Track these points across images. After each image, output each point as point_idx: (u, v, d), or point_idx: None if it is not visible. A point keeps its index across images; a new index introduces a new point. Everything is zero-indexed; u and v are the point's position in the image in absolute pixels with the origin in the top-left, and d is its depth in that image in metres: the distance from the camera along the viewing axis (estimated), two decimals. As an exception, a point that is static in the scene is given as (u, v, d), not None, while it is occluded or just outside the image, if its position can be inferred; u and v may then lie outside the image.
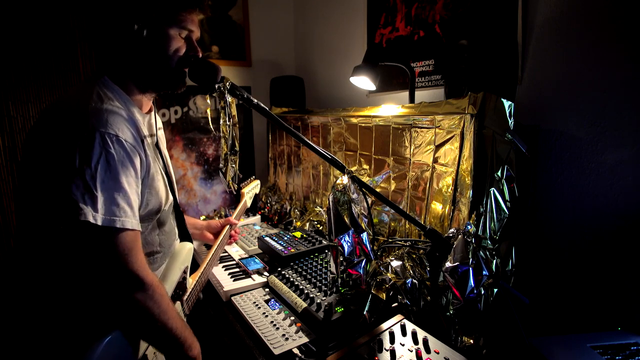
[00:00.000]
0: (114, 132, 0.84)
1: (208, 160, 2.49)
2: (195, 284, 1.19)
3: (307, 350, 1.00)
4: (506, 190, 1.10)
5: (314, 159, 2.00)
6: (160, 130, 1.20)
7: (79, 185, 0.79)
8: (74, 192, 0.78)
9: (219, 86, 1.03)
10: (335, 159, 1.11)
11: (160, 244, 1.10)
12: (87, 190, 0.79)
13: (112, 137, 0.84)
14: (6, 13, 1.81)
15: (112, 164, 0.83)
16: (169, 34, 0.97)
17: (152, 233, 1.07)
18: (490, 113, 1.07)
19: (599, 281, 1.18)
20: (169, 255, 1.16)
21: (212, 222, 1.52)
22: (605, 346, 0.94)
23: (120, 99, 0.96)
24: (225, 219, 1.53)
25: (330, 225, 1.06)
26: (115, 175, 0.83)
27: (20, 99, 1.91)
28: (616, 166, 1.13)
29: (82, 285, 0.86)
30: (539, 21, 1.28)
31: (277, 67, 2.72)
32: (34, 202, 0.86)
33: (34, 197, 0.85)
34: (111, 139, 0.83)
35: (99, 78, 0.96)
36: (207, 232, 1.50)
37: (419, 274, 1.16)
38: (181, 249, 1.17)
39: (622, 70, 1.10)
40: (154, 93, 1.08)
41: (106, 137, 0.83)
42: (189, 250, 1.19)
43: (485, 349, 0.97)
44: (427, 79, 1.75)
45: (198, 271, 1.24)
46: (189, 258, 1.19)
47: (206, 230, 1.50)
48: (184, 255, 1.16)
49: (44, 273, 0.88)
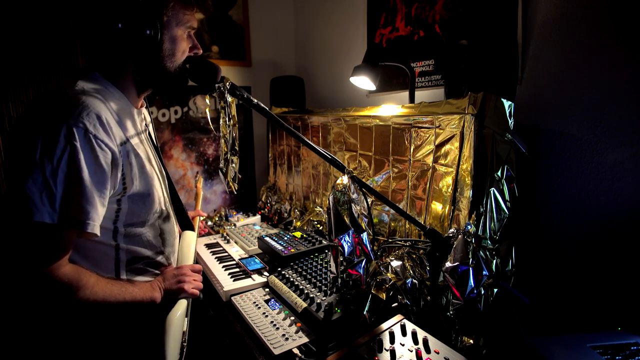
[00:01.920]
0: (84, 126, 0.79)
1: (208, 160, 2.49)
2: None
3: (307, 350, 1.00)
4: (506, 190, 1.10)
5: (314, 159, 2.00)
6: (150, 125, 1.17)
7: (36, 181, 0.74)
8: (29, 188, 0.74)
9: (219, 86, 1.03)
10: (335, 159, 1.11)
11: (164, 244, 1.10)
12: (45, 187, 0.75)
13: (80, 130, 0.78)
14: (6, 13, 1.81)
15: (75, 160, 0.77)
16: (177, 35, 0.96)
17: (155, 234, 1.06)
18: (490, 113, 1.07)
19: (599, 281, 1.18)
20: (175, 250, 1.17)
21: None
22: (605, 346, 0.94)
23: (111, 95, 0.93)
24: (195, 211, 1.60)
25: (330, 225, 1.06)
26: (78, 172, 0.78)
27: (20, 99, 1.91)
28: (616, 166, 1.13)
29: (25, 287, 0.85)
30: (539, 21, 1.28)
31: (277, 67, 2.72)
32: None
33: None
34: (79, 133, 0.78)
35: (88, 73, 0.92)
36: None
37: (419, 274, 1.16)
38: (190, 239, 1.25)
39: (622, 70, 1.10)
40: (151, 90, 1.07)
41: (73, 130, 0.77)
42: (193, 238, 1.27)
43: (485, 349, 0.97)
44: (427, 79, 1.75)
45: None
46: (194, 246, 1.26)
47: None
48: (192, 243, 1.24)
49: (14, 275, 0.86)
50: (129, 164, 0.92)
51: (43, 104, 0.83)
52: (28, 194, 0.74)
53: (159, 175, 1.08)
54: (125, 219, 0.96)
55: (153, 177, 1.02)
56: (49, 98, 0.84)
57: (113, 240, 0.96)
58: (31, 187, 0.74)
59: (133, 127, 1.00)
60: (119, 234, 0.96)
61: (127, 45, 0.91)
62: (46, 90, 1.94)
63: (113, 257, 0.97)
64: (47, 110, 0.80)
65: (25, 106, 1.92)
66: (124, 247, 0.98)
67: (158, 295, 1.01)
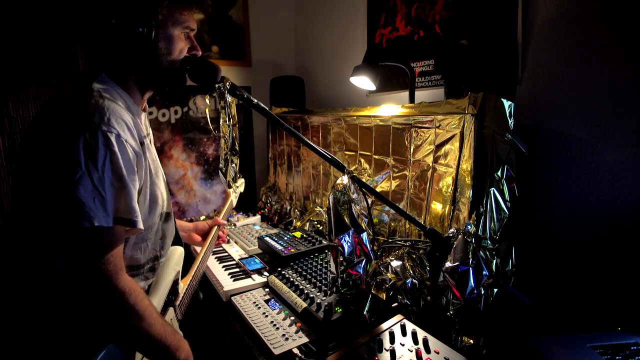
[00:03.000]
0: (116, 131, 0.82)
1: (208, 160, 2.49)
2: (187, 288, 1.15)
3: (307, 350, 1.00)
4: (506, 190, 1.10)
5: (314, 159, 2.00)
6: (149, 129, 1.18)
7: (87, 188, 0.77)
8: (82, 195, 0.77)
9: (219, 86, 1.03)
10: (335, 159, 1.10)
11: (162, 248, 1.09)
12: (98, 194, 0.78)
13: (114, 136, 0.81)
14: (6, 13, 1.81)
15: (116, 165, 0.81)
16: (173, 35, 0.96)
17: (156, 237, 1.05)
18: (490, 113, 1.07)
19: (599, 281, 1.18)
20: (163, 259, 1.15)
21: (200, 223, 1.47)
22: (605, 346, 0.94)
23: (120, 97, 0.93)
24: (213, 220, 1.47)
25: (330, 225, 1.06)
26: (120, 176, 0.81)
27: (20, 99, 1.91)
28: (616, 166, 1.13)
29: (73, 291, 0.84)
30: (539, 21, 1.28)
31: (277, 67, 2.72)
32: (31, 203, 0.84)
33: (32, 198, 0.83)
34: (114, 139, 0.81)
35: (97, 75, 0.92)
36: (194, 234, 1.44)
37: (419, 274, 1.16)
38: (172, 253, 1.14)
39: (622, 70, 1.10)
40: (152, 91, 1.07)
41: (109, 136, 0.80)
42: (180, 254, 1.16)
43: (485, 349, 0.97)
44: (427, 79, 1.75)
45: (189, 275, 1.20)
46: (180, 262, 1.16)
47: (194, 232, 1.44)
48: (175, 259, 1.13)
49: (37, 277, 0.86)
50: (142, 166, 0.93)
51: (68, 111, 0.83)
52: (82, 201, 0.77)
53: (163, 177, 1.09)
54: None
55: (159, 179, 1.03)
56: (73, 104, 0.85)
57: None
58: (84, 194, 0.77)
59: (144, 129, 1.01)
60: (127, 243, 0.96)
61: (122, 43, 0.92)
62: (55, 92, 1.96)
63: None
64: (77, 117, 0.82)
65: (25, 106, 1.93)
66: (127, 254, 0.97)
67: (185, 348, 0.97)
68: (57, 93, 0.96)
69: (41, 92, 1.96)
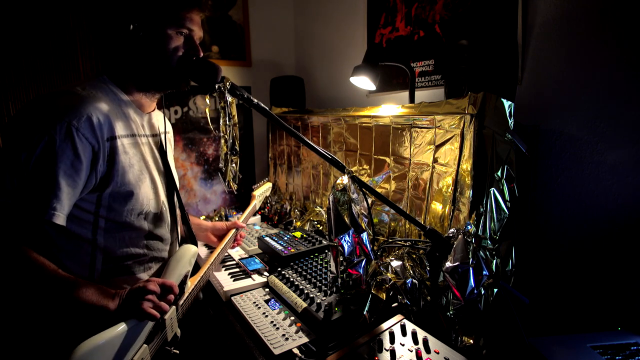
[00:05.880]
0: (68, 119, 0.84)
1: (208, 160, 2.49)
2: (193, 288, 1.15)
3: (307, 350, 1.00)
4: (506, 190, 1.10)
5: (314, 159, 2.00)
6: (170, 134, 1.19)
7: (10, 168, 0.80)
8: (3, 174, 0.80)
9: (219, 86, 1.03)
10: (335, 159, 1.11)
11: (148, 247, 1.09)
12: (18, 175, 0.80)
13: (63, 124, 0.83)
14: (6, 13, 1.81)
15: (53, 150, 0.82)
16: (167, 34, 0.97)
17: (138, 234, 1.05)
18: (490, 113, 1.07)
19: (599, 281, 1.18)
20: (165, 257, 1.15)
21: (218, 224, 1.46)
22: (605, 346, 0.94)
23: (110, 95, 0.96)
24: (233, 222, 1.45)
25: (330, 225, 1.06)
26: (52, 164, 0.83)
27: (20, 99, 1.91)
28: (616, 166, 1.13)
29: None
30: (539, 21, 1.28)
31: (277, 67, 2.72)
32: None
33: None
34: (61, 126, 0.83)
35: (98, 76, 0.97)
36: (211, 234, 1.45)
37: (419, 274, 1.16)
38: (185, 252, 1.12)
39: (622, 71, 1.10)
40: (157, 92, 1.07)
41: (55, 124, 0.83)
42: (192, 254, 1.14)
43: (485, 349, 0.97)
44: (427, 79, 1.75)
45: (197, 275, 1.19)
46: (192, 261, 1.13)
47: (211, 233, 1.45)
48: (186, 259, 1.11)
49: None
50: (113, 161, 0.94)
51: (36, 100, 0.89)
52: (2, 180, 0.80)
53: (157, 179, 1.09)
54: (107, 215, 0.97)
55: (142, 179, 1.03)
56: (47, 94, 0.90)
57: (91, 235, 0.96)
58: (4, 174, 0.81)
59: (129, 128, 1.01)
60: (99, 229, 0.97)
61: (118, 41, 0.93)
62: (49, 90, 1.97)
63: (89, 252, 0.97)
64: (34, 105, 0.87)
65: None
66: (101, 243, 0.98)
67: (111, 305, 0.88)
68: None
69: (41, 92, 1.96)
